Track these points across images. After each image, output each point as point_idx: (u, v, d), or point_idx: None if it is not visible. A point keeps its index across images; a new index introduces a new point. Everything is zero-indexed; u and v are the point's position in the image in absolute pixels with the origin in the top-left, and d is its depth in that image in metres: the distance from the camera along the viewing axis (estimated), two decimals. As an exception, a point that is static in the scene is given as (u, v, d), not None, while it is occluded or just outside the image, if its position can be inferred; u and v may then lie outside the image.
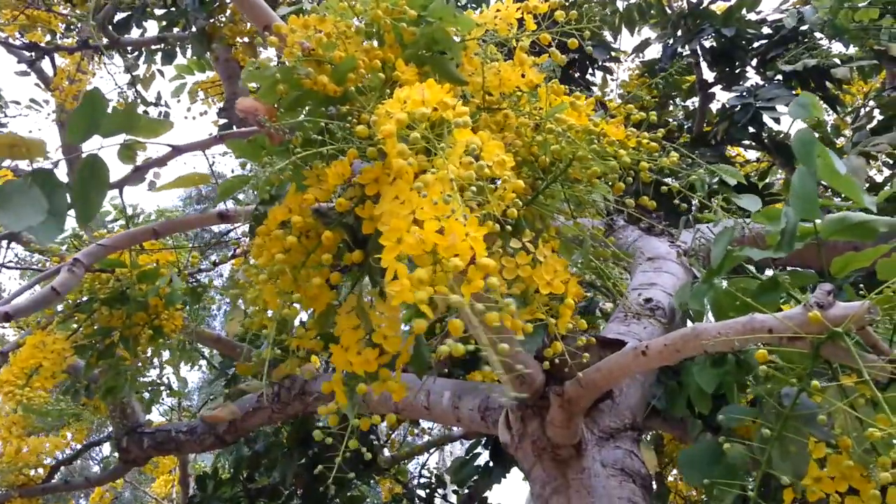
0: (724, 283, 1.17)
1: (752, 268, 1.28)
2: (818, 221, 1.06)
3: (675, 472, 2.49)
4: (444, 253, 0.67)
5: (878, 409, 0.91)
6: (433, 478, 2.99)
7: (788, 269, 1.52)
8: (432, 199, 0.70)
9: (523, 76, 1.02)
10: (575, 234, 1.05)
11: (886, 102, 2.56)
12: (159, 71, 3.53)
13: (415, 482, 2.97)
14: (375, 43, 1.02)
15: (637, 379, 1.22)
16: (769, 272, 1.21)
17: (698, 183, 1.17)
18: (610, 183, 1.04)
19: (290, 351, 0.92)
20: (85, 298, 1.71)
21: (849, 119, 3.54)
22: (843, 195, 1.10)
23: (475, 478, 2.36)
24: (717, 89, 2.88)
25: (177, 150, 1.08)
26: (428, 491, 2.89)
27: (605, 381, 1.01)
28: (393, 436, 3.05)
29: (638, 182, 1.14)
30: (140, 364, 1.70)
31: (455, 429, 3.15)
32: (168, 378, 3.31)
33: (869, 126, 2.59)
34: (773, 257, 1.05)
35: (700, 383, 1.23)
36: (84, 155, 0.94)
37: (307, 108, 0.93)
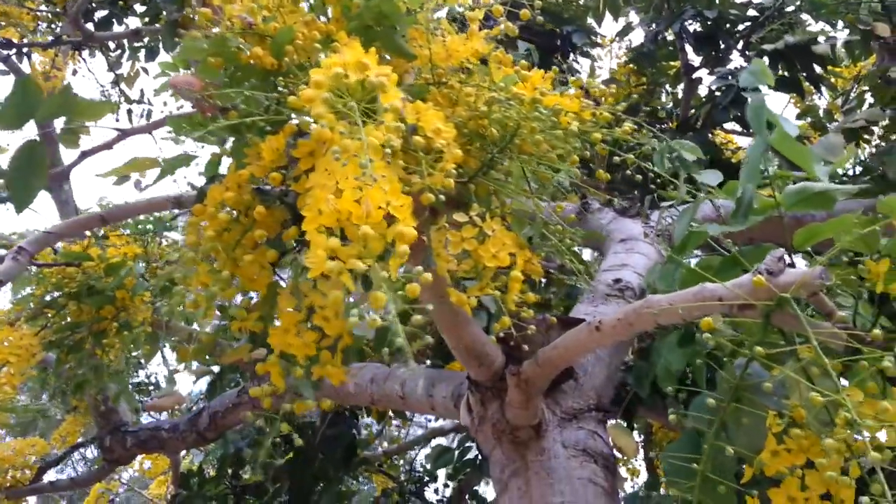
0: (693, 262, 1.14)
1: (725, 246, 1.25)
2: (779, 194, 1.04)
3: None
4: (357, 221, 0.64)
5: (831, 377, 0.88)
6: (424, 472, 2.97)
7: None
8: (352, 166, 0.67)
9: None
10: (530, 211, 1.02)
11: (875, 85, 2.52)
12: (144, 69, 3.51)
13: (405, 477, 2.94)
14: (322, 18, 0.99)
15: (602, 359, 1.20)
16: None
17: (658, 159, 1.15)
18: (569, 159, 1.01)
19: (233, 335, 0.90)
20: (56, 294, 1.69)
21: (840, 102, 3.50)
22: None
23: (468, 471, 2.34)
24: (703, 73, 2.85)
25: (124, 133, 1.05)
26: (418, 485, 2.86)
27: (561, 359, 0.99)
28: (377, 429, 3.02)
29: (606, 163, 1.12)
30: (112, 358, 1.68)
31: (449, 422, 3.13)
32: (156, 377, 3.31)
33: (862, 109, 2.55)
34: (733, 231, 1.03)
35: (670, 362, 1.20)
36: (22, 141, 0.92)
37: (245, 83, 0.90)
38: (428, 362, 2.21)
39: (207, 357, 2.43)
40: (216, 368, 2.85)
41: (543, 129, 0.91)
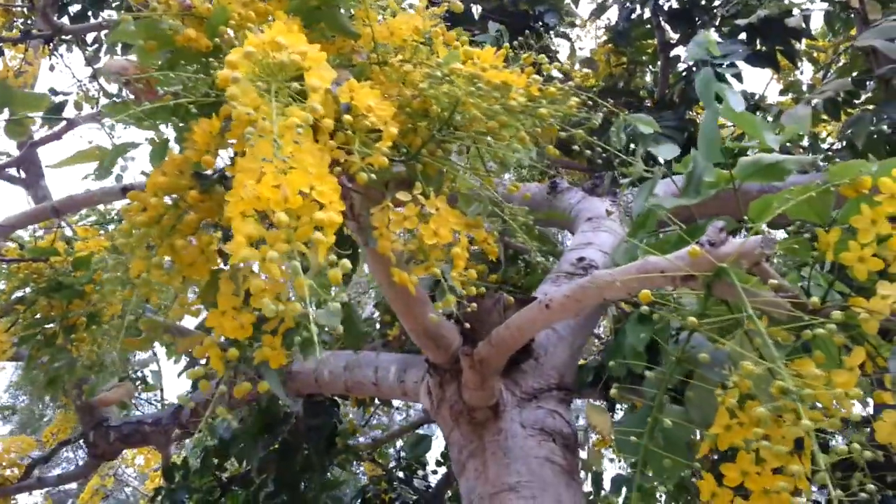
0: (654, 238, 1.13)
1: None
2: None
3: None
4: (275, 207, 0.63)
5: (783, 350, 0.87)
6: (413, 459, 2.96)
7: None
8: (267, 147, 0.66)
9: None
10: (479, 190, 1.01)
11: (855, 58, 2.50)
12: (122, 63, 3.47)
13: (394, 464, 2.94)
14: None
15: (564, 338, 1.19)
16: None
17: (614, 134, 1.14)
18: (521, 137, 1.00)
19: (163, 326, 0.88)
20: (28, 290, 1.68)
21: (821, 76, 3.48)
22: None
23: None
24: (681, 51, 2.83)
25: (71, 124, 1.04)
26: (407, 473, 2.86)
27: (514, 338, 0.98)
28: (364, 418, 3.01)
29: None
30: (83, 353, 1.67)
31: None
32: (142, 372, 3.30)
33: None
34: (687, 205, 1.02)
35: (632, 341, 1.20)
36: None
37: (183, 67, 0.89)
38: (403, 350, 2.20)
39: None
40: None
41: (483, 105, 0.89)
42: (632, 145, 1.42)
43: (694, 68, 2.39)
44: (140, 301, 0.84)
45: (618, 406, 2.29)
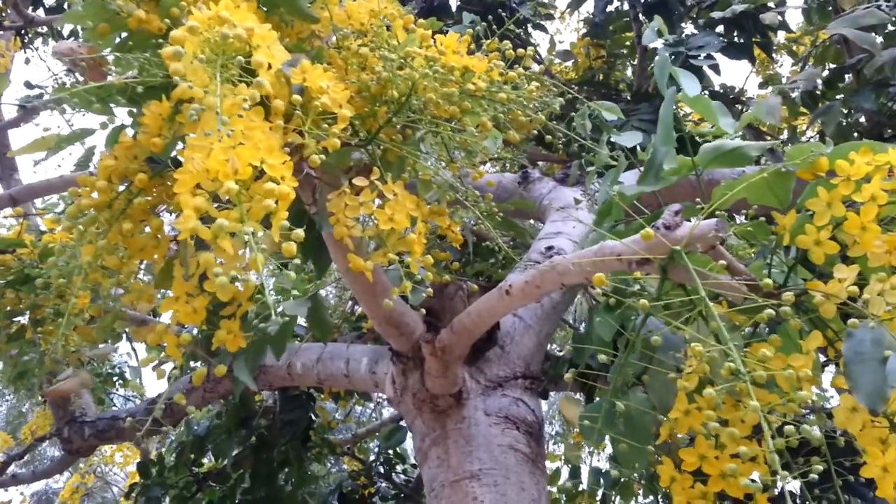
0: (622, 227, 1.13)
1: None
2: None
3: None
4: (223, 179, 0.62)
5: (739, 332, 0.87)
6: (393, 454, 2.95)
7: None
8: (214, 123, 0.65)
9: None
10: (440, 176, 1.00)
11: (826, 48, 2.51)
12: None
13: (374, 458, 2.93)
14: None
15: (531, 327, 1.18)
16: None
17: (579, 121, 1.13)
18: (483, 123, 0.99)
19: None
20: (-3, 284, 1.65)
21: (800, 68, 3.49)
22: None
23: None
24: (658, 44, 2.82)
25: (28, 111, 1.02)
26: (386, 467, 2.85)
27: (475, 325, 0.97)
28: (342, 412, 3.00)
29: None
30: (50, 346, 1.65)
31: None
32: (120, 368, 3.27)
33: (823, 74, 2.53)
34: (645, 191, 1.01)
35: (598, 330, 1.19)
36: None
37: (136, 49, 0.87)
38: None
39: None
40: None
41: (441, 89, 0.88)
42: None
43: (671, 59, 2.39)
44: (93, 287, 0.83)
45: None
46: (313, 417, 2.28)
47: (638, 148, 1.38)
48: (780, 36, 3.65)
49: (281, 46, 0.76)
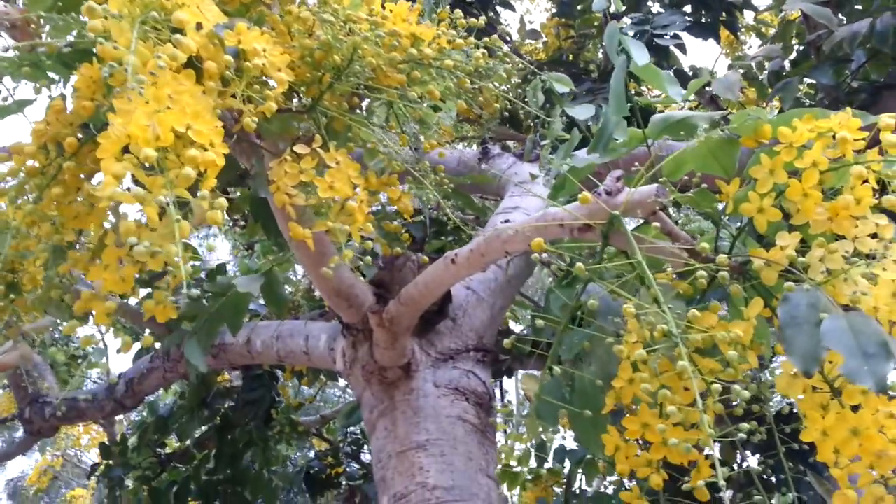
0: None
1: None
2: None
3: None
4: (143, 144, 0.61)
5: (679, 300, 0.87)
6: (361, 434, 2.95)
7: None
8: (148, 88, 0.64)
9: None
10: (384, 145, 0.99)
11: (788, 25, 2.50)
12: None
13: (341, 439, 2.93)
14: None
15: (484, 300, 1.18)
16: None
17: (531, 94, 1.12)
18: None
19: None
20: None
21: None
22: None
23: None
24: (627, 22, 2.81)
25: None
26: (354, 448, 2.85)
27: (422, 295, 0.96)
28: (308, 392, 2.98)
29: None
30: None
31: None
32: (84, 350, 3.23)
33: (790, 57, 2.53)
34: (596, 162, 1.00)
35: (553, 306, 1.19)
36: None
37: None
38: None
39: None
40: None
41: (385, 55, 0.87)
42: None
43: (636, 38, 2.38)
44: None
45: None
46: (276, 397, 2.26)
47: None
48: (749, 17, 3.67)
49: (213, 6, 0.75)
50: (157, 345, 2.07)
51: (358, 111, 1.00)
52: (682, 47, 2.46)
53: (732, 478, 0.81)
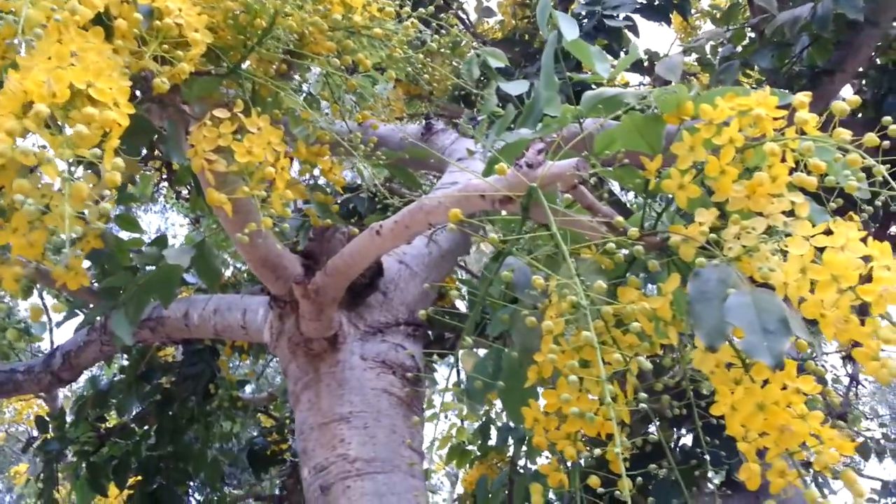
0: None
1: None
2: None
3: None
4: (38, 100, 0.59)
5: (601, 275, 0.87)
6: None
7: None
8: (46, 43, 0.62)
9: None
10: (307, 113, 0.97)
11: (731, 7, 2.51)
12: None
13: (288, 416, 2.91)
14: None
15: (417, 274, 1.17)
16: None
17: (465, 69, 1.11)
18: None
19: None
20: None
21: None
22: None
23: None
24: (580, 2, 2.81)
25: None
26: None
27: (348, 266, 0.95)
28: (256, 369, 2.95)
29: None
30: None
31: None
32: (25, 322, 3.16)
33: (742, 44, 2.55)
34: (527, 138, 1.00)
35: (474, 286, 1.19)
36: None
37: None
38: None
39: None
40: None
41: (307, 18, 0.85)
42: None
43: (585, 19, 2.39)
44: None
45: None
46: (217, 373, 2.24)
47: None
48: (705, 2, 3.69)
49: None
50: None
51: (293, 81, 0.98)
52: (633, 29, 2.47)
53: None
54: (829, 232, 0.68)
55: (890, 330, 0.63)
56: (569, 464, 0.86)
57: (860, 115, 2.03)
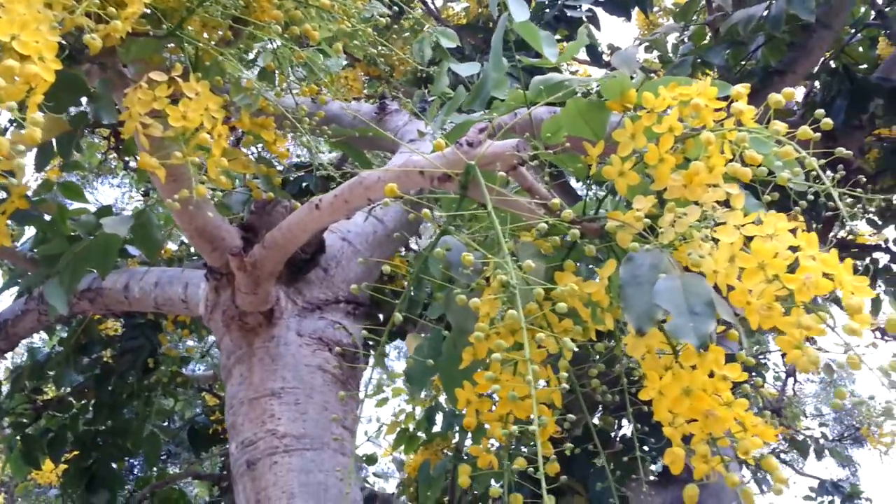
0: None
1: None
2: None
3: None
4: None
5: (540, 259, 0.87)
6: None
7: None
8: None
9: None
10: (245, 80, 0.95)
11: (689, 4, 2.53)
12: None
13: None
14: None
15: (361, 253, 1.16)
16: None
17: (416, 48, 1.10)
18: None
19: None
20: None
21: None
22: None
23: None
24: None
25: None
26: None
27: (286, 240, 0.94)
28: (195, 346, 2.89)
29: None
30: None
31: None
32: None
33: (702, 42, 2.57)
34: (474, 120, 1.00)
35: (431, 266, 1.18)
36: None
37: None
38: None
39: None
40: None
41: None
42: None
43: (548, 9, 2.39)
44: None
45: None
46: (157, 348, 2.19)
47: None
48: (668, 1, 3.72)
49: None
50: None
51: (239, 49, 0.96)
52: (594, 20, 2.48)
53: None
54: (759, 222, 0.68)
55: (812, 319, 0.64)
56: (503, 446, 0.86)
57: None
